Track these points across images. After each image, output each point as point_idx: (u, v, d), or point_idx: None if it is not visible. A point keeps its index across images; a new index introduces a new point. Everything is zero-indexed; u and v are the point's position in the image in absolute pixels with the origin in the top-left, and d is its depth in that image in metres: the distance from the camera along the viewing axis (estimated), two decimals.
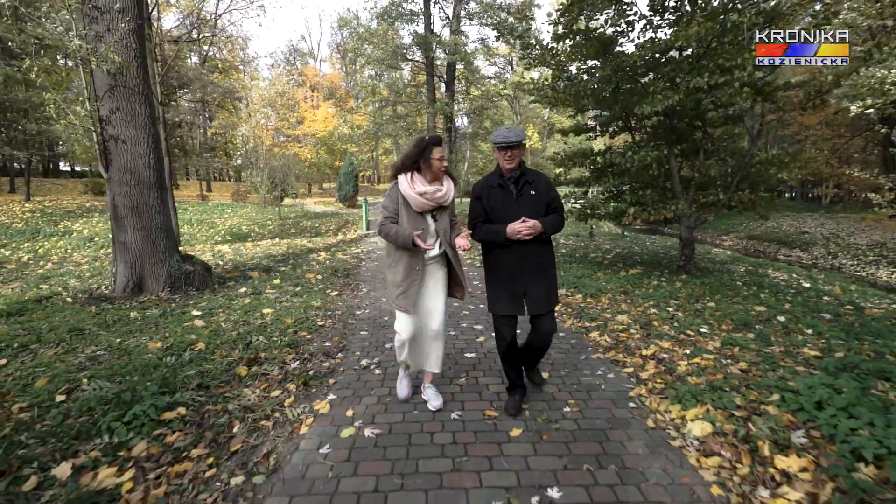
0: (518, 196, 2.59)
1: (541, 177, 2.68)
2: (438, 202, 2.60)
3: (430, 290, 2.72)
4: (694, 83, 5.41)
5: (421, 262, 2.63)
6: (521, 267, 2.58)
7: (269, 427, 2.61)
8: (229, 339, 3.92)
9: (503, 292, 2.64)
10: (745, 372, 3.25)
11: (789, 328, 4.33)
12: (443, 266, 2.77)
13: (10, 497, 1.98)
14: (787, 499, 1.95)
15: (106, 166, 5.53)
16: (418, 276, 2.63)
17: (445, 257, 2.75)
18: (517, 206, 2.56)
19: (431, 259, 2.70)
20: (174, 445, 2.39)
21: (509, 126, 2.40)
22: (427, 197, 2.55)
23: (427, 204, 2.56)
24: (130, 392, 2.80)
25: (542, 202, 2.60)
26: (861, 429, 2.30)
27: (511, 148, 2.50)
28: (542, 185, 2.62)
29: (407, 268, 2.62)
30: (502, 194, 2.62)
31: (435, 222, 2.65)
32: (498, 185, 2.63)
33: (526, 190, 2.59)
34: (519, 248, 2.55)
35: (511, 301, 2.62)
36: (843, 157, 21.13)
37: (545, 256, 2.64)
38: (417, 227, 2.56)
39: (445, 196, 2.62)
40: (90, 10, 5.25)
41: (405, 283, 2.62)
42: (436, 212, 2.65)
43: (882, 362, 3.33)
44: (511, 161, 2.54)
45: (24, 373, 3.23)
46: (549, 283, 2.65)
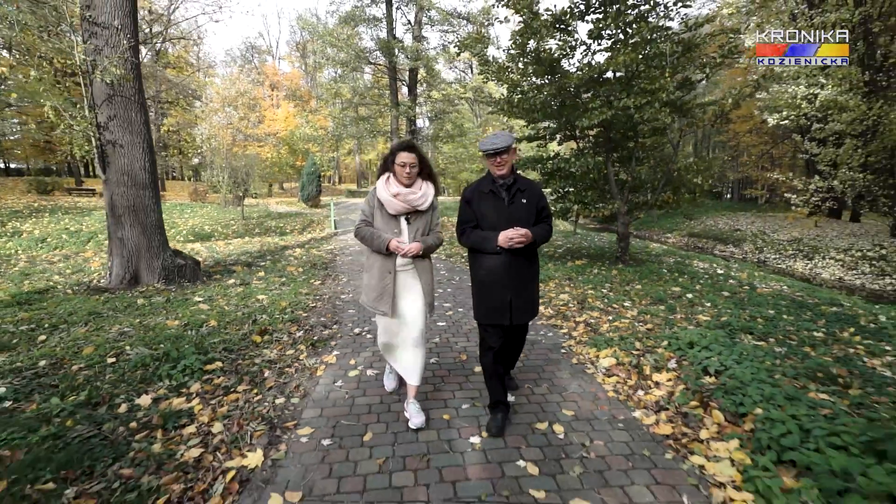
0: (510, 203, 2.55)
1: (533, 185, 2.64)
2: (412, 205, 2.60)
3: (406, 297, 2.70)
4: (623, 102, 6.61)
5: (393, 266, 2.64)
6: (509, 275, 2.55)
7: (292, 373, 3.47)
8: (237, 318, 4.70)
9: (491, 301, 2.60)
10: (650, 330, 4.37)
11: (694, 302, 5.56)
12: (417, 278, 2.72)
13: (111, 416, 2.76)
14: (654, 394, 3.03)
15: (104, 168, 6.10)
16: (391, 281, 2.64)
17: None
18: (508, 213, 2.54)
19: (403, 265, 2.68)
20: (222, 385, 3.21)
21: (497, 132, 2.52)
22: (400, 199, 2.56)
23: (400, 206, 2.58)
24: (175, 351, 3.58)
25: (533, 211, 2.58)
26: (712, 356, 3.43)
27: (499, 154, 2.47)
28: (533, 193, 2.60)
29: (380, 271, 2.65)
30: (493, 200, 2.58)
31: (408, 225, 2.65)
32: (490, 190, 2.59)
33: (518, 198, 2.56)
34: (509, 256, 2.52)
35: (499, 310, 2.59)
36: (775, 161, 23.68)
37: (533, 266, 2.65)
38: (389, 230, 2.61)
39: (421, 199, 2.62)
40: (90, 25, 5.83)
41: (379, 287, 2.65)
42: (410, 215, 2.65)
43: (751, 323, 4.57)
44: (501, 167, 2.52)
45: (68, 344, 3.91)
46: (534, 293, 2.67)
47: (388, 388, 3.15)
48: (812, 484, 1.95)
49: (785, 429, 2.36)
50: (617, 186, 7.85)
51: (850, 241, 15.13)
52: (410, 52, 18.32)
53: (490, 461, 2.37)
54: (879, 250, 13.75)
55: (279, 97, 32.33)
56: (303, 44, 38.30)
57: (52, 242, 12.79)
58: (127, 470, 2.24)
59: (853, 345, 4.04)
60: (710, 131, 26.42)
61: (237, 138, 25.09)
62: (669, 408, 2.87)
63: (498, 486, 2.18)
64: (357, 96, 21.59)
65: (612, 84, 7.29)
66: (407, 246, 2.57)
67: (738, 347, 3.59)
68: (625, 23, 7.11)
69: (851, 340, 4.17)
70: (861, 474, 1.89)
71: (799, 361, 3.46)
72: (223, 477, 2.21)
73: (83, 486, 2.12)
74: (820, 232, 17.18)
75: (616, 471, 2.30)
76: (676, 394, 3.02)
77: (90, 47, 5.82)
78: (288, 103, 29.76)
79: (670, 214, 24.31)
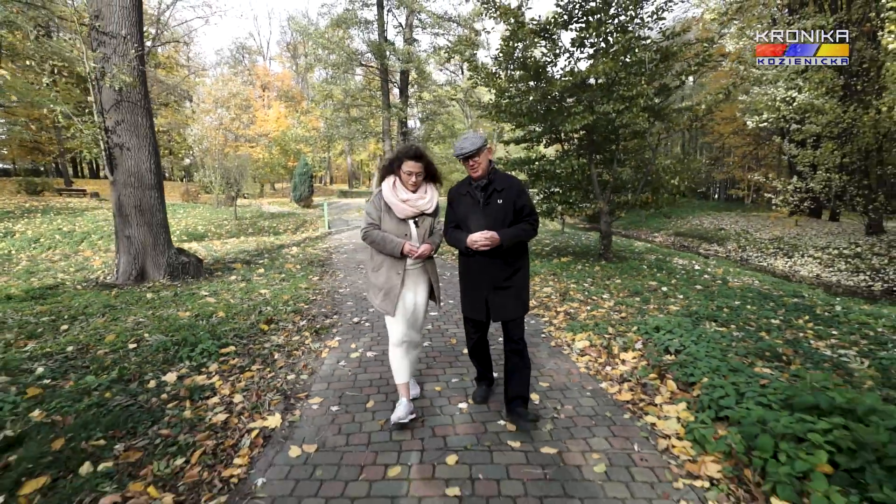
0: (485, 205, 2.60)
1: (512, 184, 2.64)
2: (421, 209, 2.67)
3: (411, 295, 2.77)
4: (604, 108, 7.09)
5: (402, 267, 2.70)
6: (482, 275, 2.64)
7: (299, 355, 3.88)
8: (243, 310, 5.09)
9: (467, 297, 2.77)
10: (623, 318, 4.84)
11: (668, 294, 6.04)
12: (424, 273, 2.81)
13: (143, 390, 3.14)
14: (619, 369, 3.49)
15: (111, 170, 6.45)
16: (399, 281, 2.69)
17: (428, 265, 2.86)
18: (482, 214, 2.59)
19: (413, 266, 2.75)
20: (237, 365, 3.61)
21: (466, 135, 2.56)
22: (410, 204, 2.63)
23: (410, 210, 2.65)
24: (192, 337, 3.97)
25: (510, 211, 2.59)
26: (674, 339, 3.90)
27: (470, 157, 2.53)
28: (511, 192, 2.60)
29: (388, 272, 2.70)
30: (470, 202, 2.65)
31: (417, 228, 2.71)
32: (466, 192, 2.68)
33: (493, 198, 2.60)
34: (480, 257, 2.61)
35: (473, 306, 2.72)
36: (760, 162, 24.42)
37: (509, 266, 2.64)
38: (399, 233, 2.66)
39: (428, 204, 2.70)
40: (98, 34, 6.19)
41: (386, 287, 2.70)
42: (418, 218, 2.71)
43: (717, 312, 5.05)
44: (474, 170, 2.57)
45: (90, 333, 4.28)
46: (512, 293, 2.65)
47: (396, 419, 2.72)
48: (737, 431, 2.41)
49: (724, 392, 2.82)
50: (599, 187, 8.34)
51: (828, 240, 15.79)
52: (402, 55, 18.74)
53: (475, 421, 2.81)
54: (854, 248, 14.40)
55: (270, 98, 32.56)
56: (293, 44, 38.58)
57: (45, 243, 12.98)
58: (165, 430, 2.65)
59: (804, 330, 4.54)
60: (696, 132, 27.19)
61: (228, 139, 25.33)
62: (631, 380, 3.33)
63: (481, 439, 2.61)
64: (349, 98, 21.95)
65: (594, 90, 7.76)
66: (420, 249, 2.64)
67: (698, 331, 4.06)
68: (606, 32, 7.60)
69: (804, 326, 4.67)
70: (774, 421, 2.35)
71: (752, 343, 3.93)
72: (248, 434, 2.63)
73: (129, 443, 2.52)
74: (800, 231, 17.86)
75: (581, 427, 2.74)
76: (639, 368, 3.48)
77: (98, 55, 6.17)
78: (279, 104, 30.01)
79: (657, 214, 24.99)
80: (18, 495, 2.05)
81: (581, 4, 7.55)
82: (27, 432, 2.52)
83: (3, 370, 3.33)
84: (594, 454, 2.46)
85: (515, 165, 9.03)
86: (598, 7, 7.50)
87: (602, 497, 2.13)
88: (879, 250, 13.75)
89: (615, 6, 7.48)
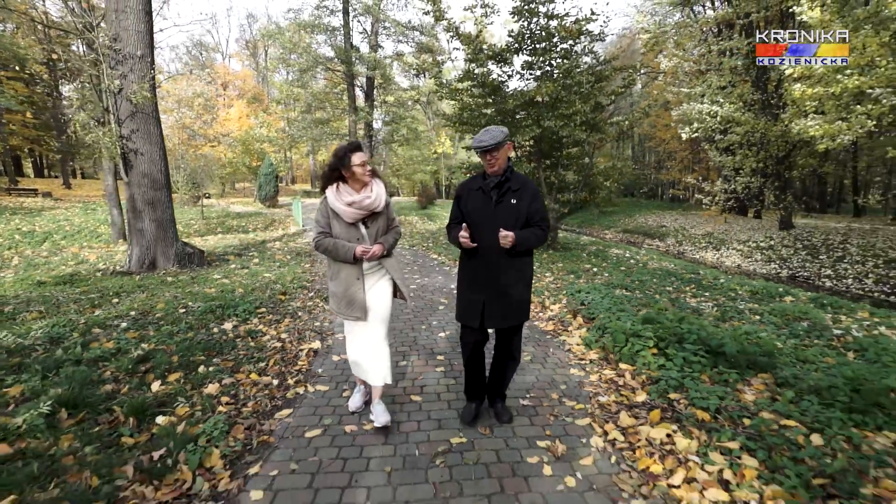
0: (497, 203, 2.53)
1: (527, 186, 2.57)
2: (369, 209, 2.64)
3: (372, 296, 2.75)
4: (548, 123, 8.80)
5: (360, 272, 2.69)
6: (482, 278, 2.57)
7: (317, 313, 5.29)
8: (258, 286, 6.39)
9: (464, 301, 2.68)
10: (558, 287, 6.49)
11: (596, 273, 7.78)
12: (384, 273, 2.81)
13: (212, 334, 4.46)
14: (548, 314, 5.11)
15: (126, 172, 7.56)
16: (360, 285, 2.69)
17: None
18: (494, 213, 2.52)
19: (371, 268, 2.75)
20: (273, 319, 4.97)
21: (489, 128, 2.49)
22: (356, 206, 2.60)
23: (357, 213, 2.62)
24: (229, 304, 5.28)
25: (522, 213, 2.52)
26: (588, 296, 5.56)
27: (488, 152, 2.46)
28: (526, 194, 2.53)
29: (347, 278, 2.69)
30: (482, 198, 2.58)
31: (367, 229, 2.69)
32: (479, 188, 2.60)
33: (507, 198, 2.52)
34: (484, 259, 2.55)
35: (469, 311, 2.63)
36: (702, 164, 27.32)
37: (513, 272, 2.57)
38: (351, 237, 2.65)
39: (375, 202, 2.64)
40: (116, 54, 7.29)
41: (349, 294, 2.68)
42: (367, 219, 2.69)
43: (628, 283, 6.80)
44: (492, 165, 2.50)
45: (140, 303, 5.49)
46: (512, 300, 2.58)
47: (353, 408, 3.00)
48: (609, 337, 4.04)
49: (608, 319, 4.47)
50: (547, 187, 10.07)
51: (749, 235, 18.36)
52: (368, 62, 20.07)
53: (447, 339, 4.33)
54: (769, 241, 16.94)
55: (231, 97, 32.96)
56: (253, 42, 38.93)
57: (4, 244, 13.30)
58: (244, 351, 4.02)
59: (687, 294, 6.34)
60: (643, 138, 30.04)
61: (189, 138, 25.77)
62: (555, 319, 4.95)
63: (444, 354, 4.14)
64: (315, 100, 23.02)
65: (541, 107, 9.48)
66: (372, 249, 2.61)
67: (608, 293, 5.75)
68: (550, 58, 9.34)
69: (687, 291, 6.48)
70: (629, 329, 4.00)
71: (645, 299, 5.66)
72: (302, 351, 4.04)
73: (223, 358, 3.87)
74: (728, 227, 20.47)
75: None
76: (560, 313, 5.11)
77: (116, 73, 7.28)
78: (242, 103, 30.56)
79: (608, 213, 27.48)
80: (169, 380, 3.39)
81: (530, 35, 9.25)
82: (151, 351, 3.83)
83: (96, 325, 4.56)
84: (525, 354, 4.03)
85: (474, 168, 10.63)
86: (543, 37, 9.22)
87: (528, 370, 3.71)
88: (788, 243, 16.30)
89: (557, 37, 9.21)
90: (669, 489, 2.18)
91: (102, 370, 3.49)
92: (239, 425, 2.77)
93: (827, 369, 3.33)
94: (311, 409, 3.06)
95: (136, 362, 3.63)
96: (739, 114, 15.79)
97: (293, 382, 3.47)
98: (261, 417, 2.94)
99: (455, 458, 2.48)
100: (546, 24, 9.02)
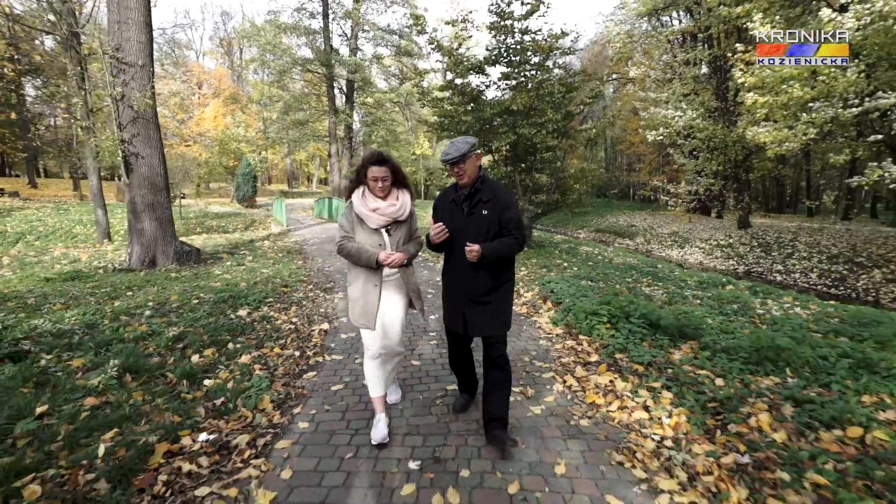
0: (469, 214, 2.59)
1: (500, 195, 2.59)
2: (393, 217, 2.68)
3: (388, 306, 2.78)
4: (522, 131, 9.70)
5: (379, 278, 2.73)
6: (461, 287, 2.65)
7: (320, 301, 6.01)
8: (259, 280, 7.05)
9: (446, 307, 2.81)
10: (532, 280, 7.37)
11: (566, 268, 8.70)
12: (402, 283, 2.85)
13: (231, 318, 5.14)
14: (522, 300, 5.97)
15: (128, 174, 8.09)
16: (377, 293, 2.72)
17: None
18: (465, 224, 2.58)
19: (390, 276, 2.79)
20: (281, 307, 5.68)
21: (455, 140, 2.55)
22: (380, 212, 2.65)
23: (381, 220, 2.66)
24: (238, 294, 5.95)
25: (495, 222, 2.55)
26: (557, 285, 6.45)
27: (455, 164, 2.50)
28: (498, 203, 2.56)
29: (365, 284, 2.73)
30: (454, 209, 2.65)
31: (389, 237, 2.72)
32: (452, 199, 2.67)
33: (478, 208, 2.57)
34: (458, 269, 2.63)
35: (452, 317, 2.76)
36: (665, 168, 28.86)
37: (491, 280, 2.60)
38: (373, 243, 2.69)
39: (400, 211, 2.70)
40: (118, 63, 7.83)
41: (363, 300, 2.73)
42: (391, 226, 2.73)
43: (592, 275, 7.73)
44: (461, 177, 2.55)
45: (153, 295, 6.10)
46: (491, 308, 2.62)
47: (378, 440, 2.72)
48: (573, 315, 4.91)
49: (572, 304, 5.34)
50: (522, 189, 10.98)
51: (711, 233, 19.75)
52: (349, 66, 20.70)
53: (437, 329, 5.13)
54: (728, 239, 18.32)
55: (206, 95, 32.94)
56: (228, 40, 38.90)
57: None
58: (262, 332, 4.73)
59: (643, 283, 7.30)
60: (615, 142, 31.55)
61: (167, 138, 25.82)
62: (527, 304, 5.82)
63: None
64: (294, 101, 23.49)
65: (516, 115, 10.38)
66: (394, 256, 2.64)
67: (573, 282, 6.66)
68: (525, 70, 10.24)
69: (644, 282, 7.45)
70: (591, 307, 4.88)
71: (606, 288, 6.58)
72: (314, 331, 4.78)
73: (245, 337, 4.58)
74: (692, 226, 21.89)
75: None
76: (532, 298, 5.98)
77: (118, 80, 7.82)
78: (218, 102, 30.66)
79: (581, 214, 28.80)
80: (205, 354, 4.09)
81: (506, 49, 10.14)
82: (183, 333, 4.51)
83: (122, 313, 5.18)
84: None
85: None
86: (518, 51, 10.12)
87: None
88: (745, 241, 17.69)
89: (531, 51, 10.13)
90: (607, 413, 3.05)
91: (144, 347, 4.16)
92: (277, 382, 3.52)
93: (740, 337, 4.28)
94: (331, 372, 3.82)
95: (172, 341, 4.30)
96: (700, 120, 17.10)
97: (311, 354, 4.22)
98: (292, 378, 3.68)
99: (451, 399, 3.28)
100: (521, 39, 9.92)
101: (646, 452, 2.59)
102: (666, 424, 2.85)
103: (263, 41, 20.91)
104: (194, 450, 2.61)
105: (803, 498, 2.15)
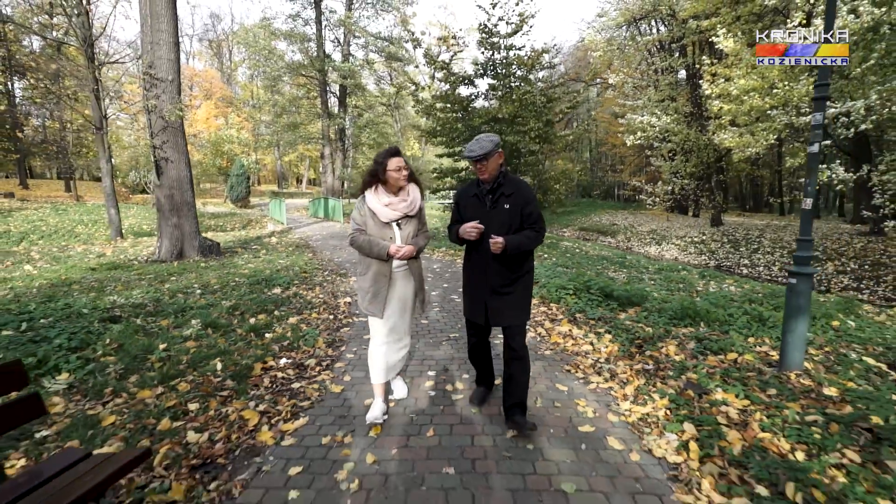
0: (492, 208, 2.72)
1: (521, 190, 2.72)
2: (404, 212, 2.88)
3: (397, 299, 2.97)
4: (507, 137, 11.07)
5: (389, 269, 2.91)
6: (483, 279, 2.78)
7: (338, 283, 7.27)
8: (280, 269, 8.28)
9: (467, 298, 2.94)
10: None
11: (546, 258, 10.07)
12: (410, 275, 3.01)
13: (266, 296, 6.38)
14: None
15: (158, 176, 9.27)
16: (386, 282, 2.90)
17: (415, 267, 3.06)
18: (489, 217, 2.70)
19: (399, 268, 2.96)
20: (307, 287, 6.93)
21: (479, 137, 2.67)
22: (392, 207, 2.85)
23: (393, 214, 2.86)
24: (268, 278, 7.19)
25: (517, 215, 2.68)
26: (537, 270, 7.80)
27: (478, 161, 2.64)
28: (519, 198, 2.69)
29: (376, 275, 2.91)
30: (477, 204, 2.79)
31: (400, 230, 2.89)
32: (474, 194, 2.80)
33: (501, 203, 2.70)
34: (481, 261, 2.76)
35: (472, 308, 2.89)
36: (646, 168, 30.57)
37: (512, 272, 2.75)
38: (384, 236, 2.86)
39: (411, 205, 2.90)
40: (150, 78, 9.01)
41: (373, 289, 2.91)
42: (401, 221, 2.90)
43: (568, 263, 9.12)
44: (483, 172, 2.68)
45: (195, 279, 7.30)
46: (512, 299, 2.76)
47: (371, 420, 3.01)
48: (548, 289, 6.26)
49: (547, 282, 6.69)
50: None
51: (686, 231, 21.33)
52: (342, 71, 21.92)
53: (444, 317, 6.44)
54: (702, 236, 19.89)
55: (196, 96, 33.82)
56: (217, 42, 39.79)
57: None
58: (298, 304, 5.99)
59: (610, 269, 8.70)
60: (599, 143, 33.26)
61: None
62: None
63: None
64: (288, 104, 24.61)
65: (502, 123, 11.75)
66: (404, 249, 2.81)
67: (550, 268, 8.02)
68: (511, 82, 11.63)
69: (611, 268, 8.84)
70: (561, 282, 6.22)
71: (572, 275, 7.94)
72: (340, 304, 6.06)
73: (286, 307, 5.83)
74: (670, 224, 23.48)
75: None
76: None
77: (151, 94, 9.01)
78: (209, 104, 31.58)
79: (566, 213, 30.37)
80: (259, 318, 5.34)
81: (493, 64, 11.52)
82: (235, 304, 5.75)
83: (178, 292, 6.40)
84: None
85: (447, 174, 12.79)
86: (504, 64, 11.50)
87: None
88: (716, 238, 19.28)
89: (516, 65, 11.52)
90: (564, 347, 4.40)
91: (209, 313, 5.40)
92: (324, 331, 4.80)
93: (673, 302, 5.67)
94: (361, 328, 5.11)
95: (230, 310, 5.55)
96: (675, 125, 18.67)
97: (343, 317, 5.50)
98: (332, 331, 4.97)
99: (455, 342, 4.61)
100: (506, 55, 11.31)
101: (586, 366, 3.94)
102: (603, 352, 4.21)
103: (258, 48, 22.02)
104: (281, 366, 3.90)
105: (678, 382, 3.51)
